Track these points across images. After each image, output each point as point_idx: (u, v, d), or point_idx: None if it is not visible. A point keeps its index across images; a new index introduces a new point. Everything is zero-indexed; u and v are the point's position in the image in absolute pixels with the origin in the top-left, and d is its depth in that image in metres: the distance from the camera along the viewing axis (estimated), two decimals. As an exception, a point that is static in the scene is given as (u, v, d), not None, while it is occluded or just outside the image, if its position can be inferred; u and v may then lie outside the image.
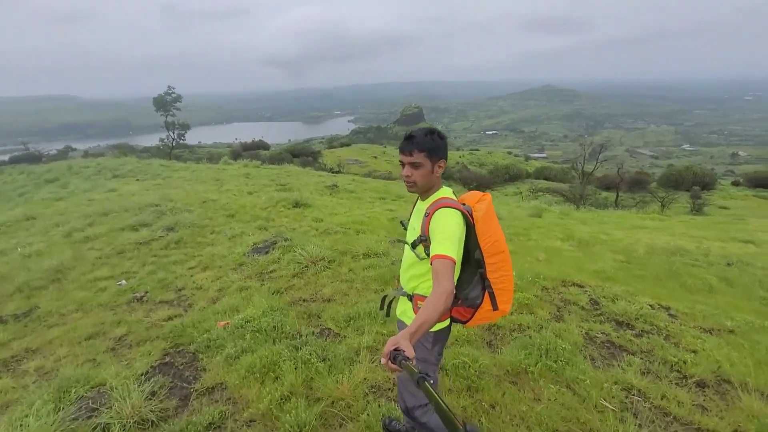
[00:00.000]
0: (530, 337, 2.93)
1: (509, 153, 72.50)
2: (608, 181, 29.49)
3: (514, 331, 3.12)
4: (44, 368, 3.06)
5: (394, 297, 1.79)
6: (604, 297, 3.78)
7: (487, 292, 1.53)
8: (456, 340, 2.95)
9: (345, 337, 3.08)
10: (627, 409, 2.18)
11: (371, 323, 3.24)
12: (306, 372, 2.57)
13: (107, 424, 2.22)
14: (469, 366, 2.54)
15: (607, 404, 2.17)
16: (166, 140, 32.33)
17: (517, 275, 4.22)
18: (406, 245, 1.65)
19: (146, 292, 4.31)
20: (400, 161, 1.56)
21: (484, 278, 1.52)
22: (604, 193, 27.39)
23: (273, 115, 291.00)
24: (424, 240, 1.48)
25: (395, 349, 1.08)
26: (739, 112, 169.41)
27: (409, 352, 1.07)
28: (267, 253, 5.29)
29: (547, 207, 13.17)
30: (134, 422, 2.23)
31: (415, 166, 1.51)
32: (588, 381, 2.38)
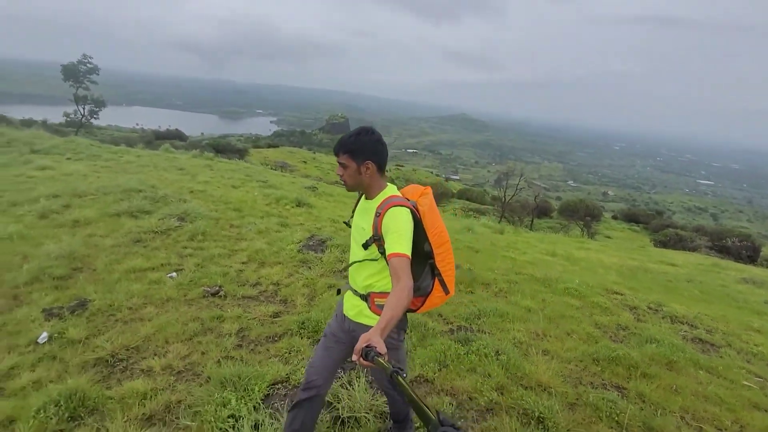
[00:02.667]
0: (640, 335, 3.44)
1: (431, 172, 76.94)
2: (521, 206, 33.27)
3: (620, 330, 3.61)
4: (174, 367, 2.63)
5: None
6: (651, 303, 4.52)
7: (437, 279, 1.60)
8: (589, 337, 3.33)
9: (490, 332, 3.24)
10: (761, 387, 2.76)
11: (501, 321, 3.46)
12: (498, 364, 2.70)
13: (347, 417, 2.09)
14: (626, 358, 2.92)
15: (751, 384, 2.74)
16: (73, 116, 27.43)
17: (578, 282, 4.79)
18: (353, 246, 1.68)
19: (220, 287, 3.88)
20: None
21: (433, 268, 1.59)
22: (515, 216, 30.74)
23: (185, 104, 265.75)
24: (377, 239, 1.51)
25: (367, 346, 1.10)
26: (609, 158, 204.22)
27: (381, 348, 1.10)
28: (323, 251, 5.10)
29: (492, 224, 14.46)
30: (373, 414, 2.14)
31: (343, 166, 1.56)
32: (721, 367, 2.94)
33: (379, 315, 1.53)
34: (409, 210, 1.50)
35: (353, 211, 1.72)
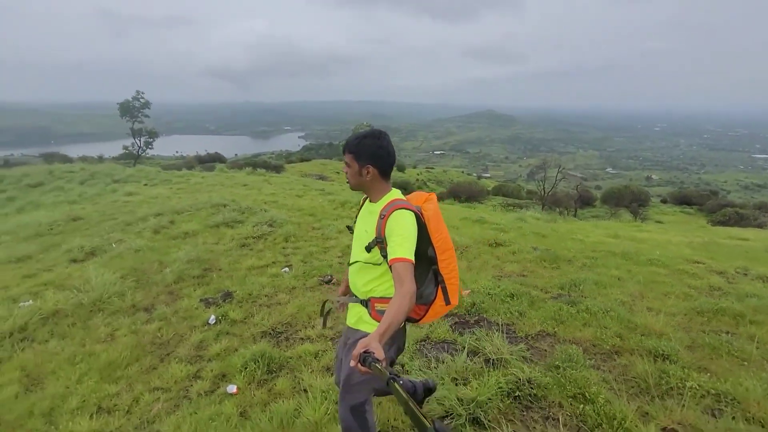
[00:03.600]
0: (736, 293, 3.61)
1: (462, 171, 76.21)
2: (559, 198, 32.21)
3: (714, 291, 3.79)
4: (326, 335, 3.14)
5: (333, 306, 1.81)
6: (738, 268, 4.61)
7: (440, 287, 1.58)
8: (686, 296, 3.55)
9: (590, 297, 3.54)
10: None
11: (596, 287, 3.75)
12: (609, 318, 3.01)
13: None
14: (730, 309, 3.13)
15: None
16: (131, 148, 30.05)
17: (659, 254, 4.96)
18: (355, 249, 1.64)
19: (331, 276, 4.40)
20: None
21: (437, 274, 1.57)
22: (558, 208, 29.94)
23: (218, 128, 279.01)
24: (380, 242, 1.49)
25: (365, 351, 1.09)
26: (649, 141, 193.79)
27: (379, 353, 1.09)
28: (406, 242, 5.56)
29: (540, 215, 14.36)
30: (516, 357, 2.53)
31: (347, 165, 1.58)
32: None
33: (380, 321, 1.52)
34: (413, 213, 1.49)
35: (356, 216, 1.73)
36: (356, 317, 1.64)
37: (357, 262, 1.60)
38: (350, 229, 1.74)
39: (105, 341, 3.25)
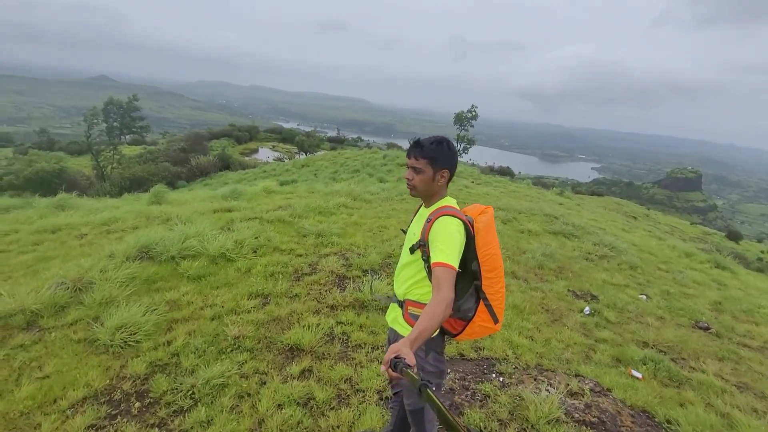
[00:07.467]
0: None
1: None
2: None
3: None
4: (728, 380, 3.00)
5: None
6: None
7: (483, 305, 1.50)
8: None
9: None
10: None
11: None
12: None
13: None
14: None
15: None
16: (452, 150, 36.65)
17: None
18: (404, 251, 1.62)
19: (709, 325, 4.04)
20: (407, 164, 1.58)
21: (478, 291, 1.50)
22: None
23: (510, 145, 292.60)
24: (422, 245, 1.47)
25: (396, 357, 1.07)
26: None
27: (410, 359, 1.06)
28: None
29: None
30: None
31: (416, 170, 1.52)
32: None
33: (411, 324, 1.54)
34: (461, 222, 1.45)
35: (412, 220, 1.71)
36: (393, 316, 1.70)
37: (401, 265, 1.66)
38: (404, 231, 1.78)
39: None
